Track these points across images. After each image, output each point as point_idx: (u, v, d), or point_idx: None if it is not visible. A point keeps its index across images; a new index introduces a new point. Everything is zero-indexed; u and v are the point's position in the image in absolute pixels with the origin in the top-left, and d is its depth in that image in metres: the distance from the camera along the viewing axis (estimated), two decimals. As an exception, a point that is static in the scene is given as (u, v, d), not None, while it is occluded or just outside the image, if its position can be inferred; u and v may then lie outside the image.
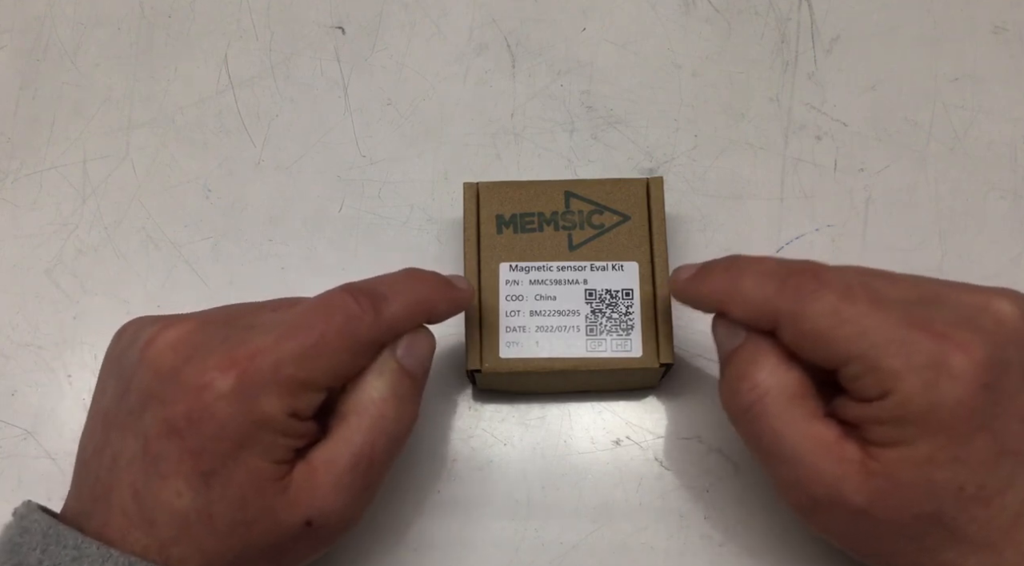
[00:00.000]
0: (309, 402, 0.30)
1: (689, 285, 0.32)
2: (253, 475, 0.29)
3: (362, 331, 0.30)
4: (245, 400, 0.28)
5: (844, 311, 0.28)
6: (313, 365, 0.29)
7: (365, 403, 0.31)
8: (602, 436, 0.38)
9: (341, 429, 0.30)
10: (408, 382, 0.31)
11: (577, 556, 0.37)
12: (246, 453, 0.29)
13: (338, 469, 0.30)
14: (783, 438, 0.29)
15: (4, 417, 0.39)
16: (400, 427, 0.31)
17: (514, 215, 0.37)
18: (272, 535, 0.29)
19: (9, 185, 0.43)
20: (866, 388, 0.28)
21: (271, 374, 0.29)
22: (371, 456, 0.30)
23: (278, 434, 0.29)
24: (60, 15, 0.46)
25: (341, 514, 0.30)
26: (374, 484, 0.31)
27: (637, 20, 0.45)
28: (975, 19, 0.45)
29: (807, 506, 0.30)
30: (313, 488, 0.30)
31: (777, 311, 0.29)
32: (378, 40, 0.45)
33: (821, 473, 0.29)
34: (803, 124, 0.43)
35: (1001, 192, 0.42)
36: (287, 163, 0.43)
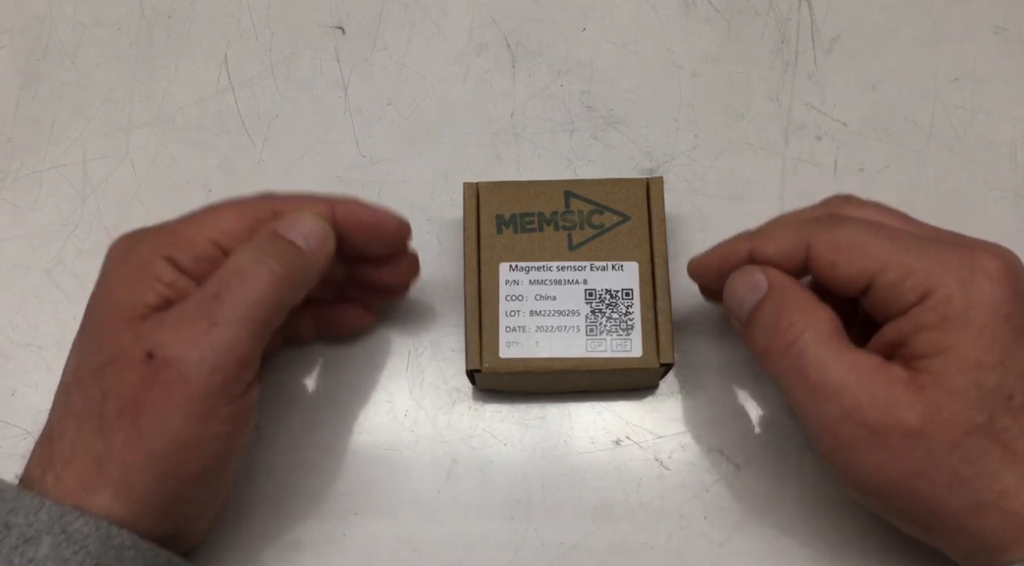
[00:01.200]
0: (191, 251, 0.31)
1: (709, 253, 0.34)
2: (115, 316, 0.30)
3: (256, 203, 0.33)
4: (126, 249, 0.32)
5: (877, 230, 0.30)
6: (198, 221, 0.32)
7: (230, 256, 0.31)
8: (602, 436, 0.38)
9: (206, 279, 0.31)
10: (281, 243, 0.31)
11: (577, 556, 0.37)
12: (115, 296, 0.31)
13: (186, 305, 0.30)
14: (829, 368, 0.29)
15: (4, 417, 0.39)
16: (255, 270, 0.30)
17: (514, 215, 0.37)
18: (120, 375, 0.29)
19: (9, 185, 0.43)
20: (905, 293, 0.29)
21: (157, 228, 0.32)
22: (217, 291, 0.30)
23: (148, 275, 0.30)
24: (60, 15, 0.46)
25: (181, 346, 0.29)
26: (222, 322, 0.29)
27: (637, 20, 0.45)
28: (975, 19, 0.45)
29: (860, 438, 0.29)
30: (159, 321, 0.30)
31: (810, 236, 0.30)
32: (378, 40, 0.45)
33: (873, 395, 0.28)
34: (803, 124, 0.43)
35: (1001, 192, 0.42)
36: (287, 163, 0.43)
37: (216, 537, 0.36)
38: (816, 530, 0.37)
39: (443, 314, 0.40)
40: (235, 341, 0.30)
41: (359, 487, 0.38)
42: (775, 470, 0.37)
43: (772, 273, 0.32)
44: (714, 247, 0.34)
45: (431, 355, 0.40)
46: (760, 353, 0.31)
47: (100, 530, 0.28)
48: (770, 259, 0.31)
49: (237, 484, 0.37)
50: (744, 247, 0.32)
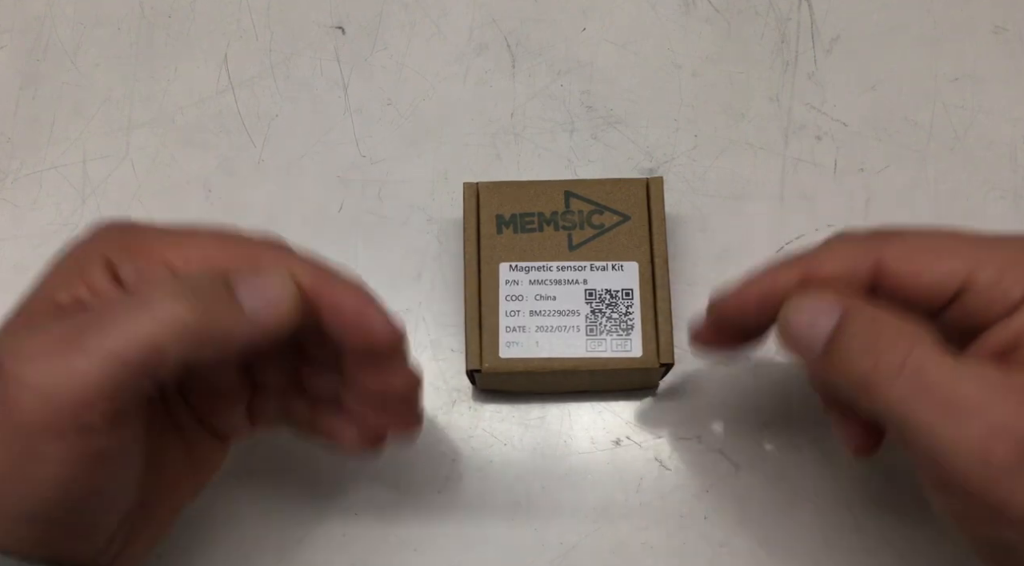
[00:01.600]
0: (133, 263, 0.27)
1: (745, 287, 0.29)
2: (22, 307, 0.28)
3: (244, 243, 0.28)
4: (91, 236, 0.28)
5: (951, 233, 0.27)
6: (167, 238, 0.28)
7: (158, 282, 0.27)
8: (602, 436, 0.38)
9: None
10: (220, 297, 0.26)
11: (577, 556, 0.37)
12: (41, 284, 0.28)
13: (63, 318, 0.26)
14: (961, 383, 0.25)
15: (4, 417, 0.39)
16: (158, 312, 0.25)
17: (514, 215, 0.37)
18: None
19: (9, 185, 0.43)
20: (1008, 289, 0.25)
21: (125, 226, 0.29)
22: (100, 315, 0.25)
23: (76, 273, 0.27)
24: (60, 15, 0.46)
25: (22, 366, 0.24)
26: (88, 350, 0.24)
27: (637, 20, 0.45)
28: (975, 19, 0.45)
29: (1014, 460, 0.24)
30: (31, 327, 0.26)
31: (878, 251, 0.27)
32: (378, 40, 0.45)
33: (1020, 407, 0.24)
34: (803, 124, 0.43)
35: (1001, 192, 0.42)
36: (287, 163, 0.43)
37: (215, 537, 0.36)
38: (816, 530, 0.37)
39: (443, 314, 0.40)
40: (87, 376, 0.24)
41: (359, 487, 0.38)
42: (775, 470, 0.37)
43: (843, 292, 0.27)
44: (744, 282, 0.29)
45: (431, 355, 0.40)
46: (860, 382, 0.26)
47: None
48: (830, 281, 0.27)
49: (237, 484, 0.37)
50: (790, 275, 0.28)
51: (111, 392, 0.25)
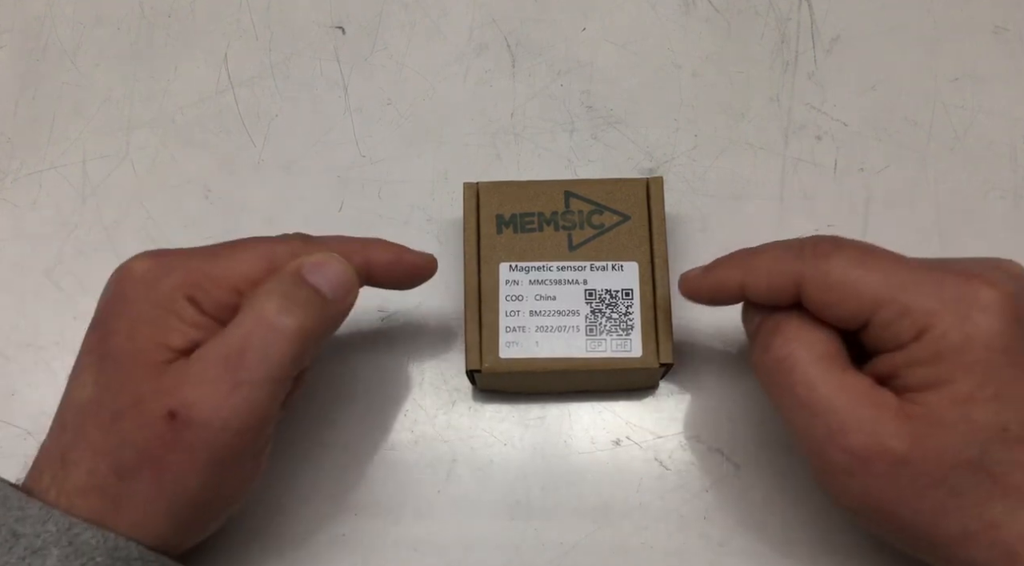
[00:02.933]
0: (212, 295, 0.30)
1: (703, 276, 0.32)
2: (137, 356, 0.29)
3: (281, 248, 0.32)
4: (150, 279, 0.30)
5: (868, 261, 0.29)
6: (222, 263, 0.31)
7: (252, 299, 0.30)
8: (602, 436, 0.38)
9: (227, 326, 0.30)
10: (305, 291, 0.30)
11: (577, 556, 0.37)
12: (138, 332, 0.30)
13: (207, 360, 0.29)
14: (816, 387, 0.28)
15: (4, 417, 0.39)
16: (280, 325, 0.29)
17: (514, 215, 0.37)
18: (140, 428, 0.29)
19: (9, 185, 0.43)
20: (900, 332, 0.28)
21: (181, 260, 0.31)
22: (242, 349, 0.29)
23: (172, 315, 0.30)
24: (60, 15, 0.46)
25: (204, 410, 0.28)
26: (247, 383, 0.29)
27: (637, 20, 0.45)
28: (975, 19, 0.45)
29: (843, 463, 0.28)
30: (181, 377, 0.29)
31: (800, 274, 0.29)
32: (378, 40, 0.45)
33: (859, 419, 0.28)
34: (803, 124, 0.43)
35: (1001, 192, 0.42)
36: (287, 163, 0.43)
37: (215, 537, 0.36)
38: (816, 530, 0.37)
39: (443, 314, 0.40)
40: (258, 403, 0.29)
41: (359, 487, 0.38)
42: (775, 470, 0.37)
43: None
44: (707, 270, 0.32)
45: (431, 355, 0.40)
46: (755, 368, 0.31)
47: (107, 542, 0.28)
48: (763, 296, 0.31)
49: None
50: (736, 279, 0.31)
51: (274, 408, 0.30)
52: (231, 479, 0.31)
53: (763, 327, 0.31)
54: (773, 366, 0.30)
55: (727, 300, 0.32)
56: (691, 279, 0.33)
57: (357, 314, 0.40)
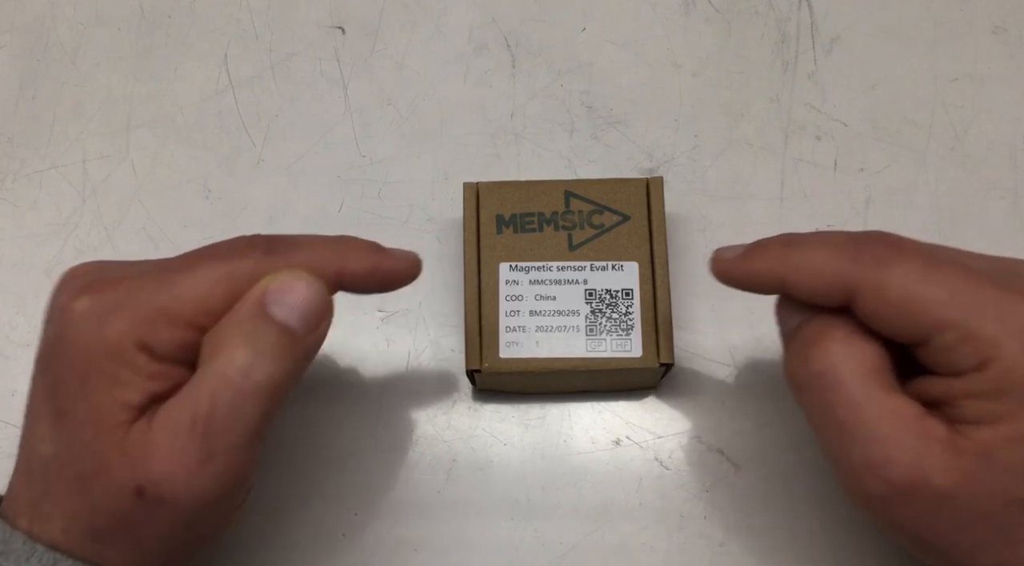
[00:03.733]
0: (167, 336, 0.26)
1: (739, 264, 0.29)
2: (94, 416, 0.26)
3: (241, 266, 0.27)
4: (95, 321, 0.26)
5: (933, 275, 0.26)
6: (174, 292, 0.27)
7: (213, 350, 0.26)
8: (602, 436, 0.38)
9: (190, 382, 0.27)
10: (273, 333, 0.27)
11: (577, 556, 0.37)
12: (90, 387, 0.26)
13: (172, 428, 0.26)
14: (860, 410, 0.26)
15: (4, 417, 0.39)
16: (250, 383, 0.26)
17: (514, 215, 0.37)
18: (110, 499, 0.26)
19: (9, 185, 0.43)
20: (961, 359, 0.25)
21: (127, 297, 0.27)
22: (209, 415, 0.26)
23: (124, 367, 0.26)
24: (60, 15, 0.46)
25: (175, 487, 0.26)
26: (219, 453, 0.26)
27: (637, 20, 0.45)
28: (975, 19, 0.45)
29: (881, 494, 0.26)
30: (145, 447, 0.26)
31: (855, 280, 0.26)
32: (378, 40, 0.45)
33: (904, 450, 0.25)
34: (803, 124, 0.43)
35: (1001, 192, 0.42)
36: (287, 163, 0.43)
37: (216, 537, 0.36)
38: (816, 530, 0.37)
39: (443, 314, 0.40)
40: (233, 469, 0.27)
41: (359, 487, 0.38)
42: (775, 470, 0.37)
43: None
44: (745, 256, 0.29)
45: (431, 355, 0.40)
46: (791, 379, 0.28)
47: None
48: (807, 297, 0.28)
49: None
50: (777, 274, 0.28)
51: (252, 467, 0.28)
52: (213, 530, 0.29)
53: (803, 334, 0.28)
54: (812, 381, 0.27)
55: (763, 292, 0.29)
56: (726, 263, 0.30)
57: (357, 314, 0.40)
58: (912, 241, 0.28)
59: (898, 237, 0.28)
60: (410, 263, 0.30)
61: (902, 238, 0.28)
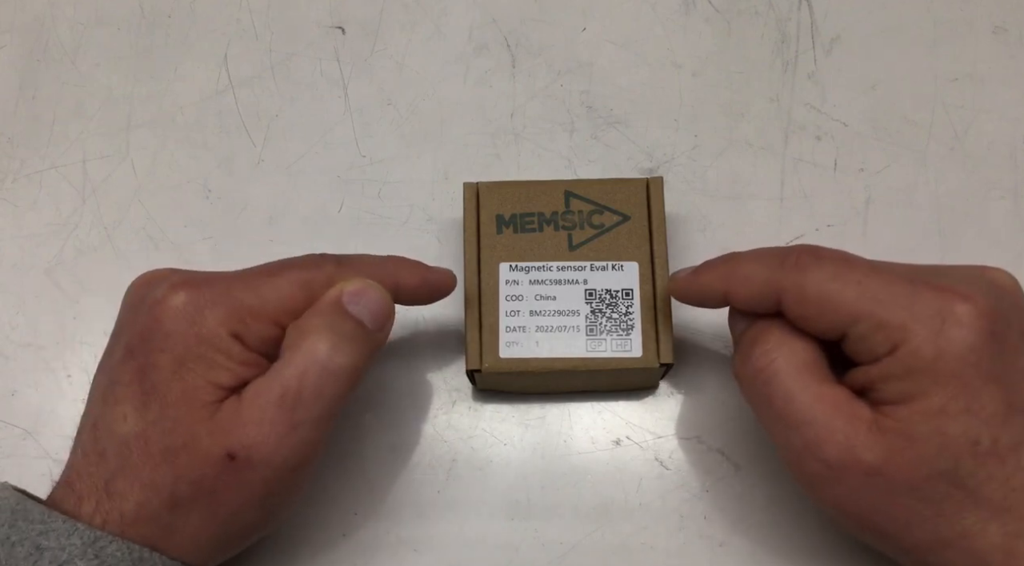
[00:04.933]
0: (255, 330, 0.30)
1: (689, 281, 0.33)
2: (187, 395, 0.29)
3: (317, 275, 0.31)
4: (192, 314, 0.30)
5: (845, 275, 0.29)
6: (262, 293, 0.31)
7: (300, 336, 0.30)
8: (602, 436, 0.38)
9: (277, 364, 0.30)
10: (350, 325, 0.31)
11: (577, 556, 0.37)
12: (185, 369, 0.29)
13: (263, 401, 0.29)
14: (794, 399, 0.29)
15: (4, 417, 0.39)
16: (334, 364, 0.30)
17: (514, 215, 0.37)
18: (197, 467, 0.29)
19: (9, 185, 0.43)
20: (875, 346, 0.28)
21: (221, 295, 0.30)
22: (298, 390, 0.29)
23: (219, 353, 0.30)
24: (60, 15, 0.46)
25: (264, 451, 0.29)
26: (304, 423, 0.30)
27: (637, 20, 0.45)
28: (975, 19, 0.45)
29: (819, 473, 0.29)
30: (237, 418, 0.29)
31: (779, 286, 0.30)
32: (378, 40, 0.45)
33: (833, 432, 0.28)
34: (803, 124, 0.43)
35: (1001, 192, 0.42)
36: (287, 163, 0.43)
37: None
38: (816, 530, 0.37)
39: (443, 314, 0.40)
40: (314, 440, 0.30)
41: (359, 487, 0.38)
42: (775, 470, 0.37)
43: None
44: (694, 274, 0.33)
45: (431, 355, 0.40)
46: (736, 377, 0.32)
47: (133, 554, 0.28)
48: (745, 305, 0.31)
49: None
50: (720, 287, 0.32)
51: (326, 442, 0.31)
52: (281, 507, 0.32)
53: (745, 336, 0.31)
54: (753, 377, 0.30)
55: (713, 305, 0.33)
56: (679, 281, 0.33)
57: (357, 314, 0.40)
58: (832, 250, 0.30)
59: (820, 247, 0.30)
60: (450, 278, 0.35)
61: (823, 248, 0.30)
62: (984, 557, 0.28)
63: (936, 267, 0.30)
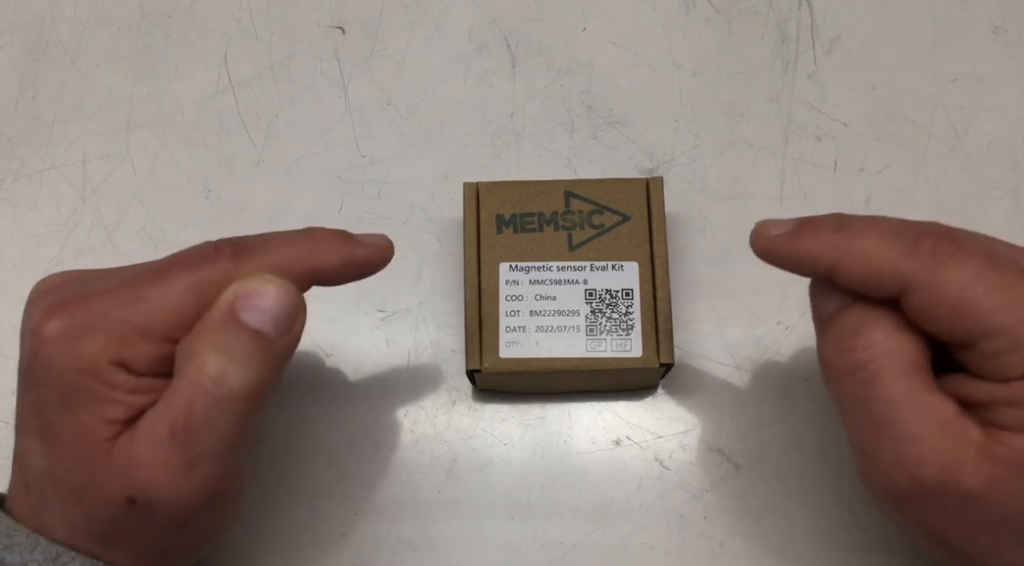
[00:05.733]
0: (141, 352, 0.27)
1: (787, 242, 0.28)
2: (80, 433, 0.27)
3: (211, 275, 0.27)
4: (69, 343, 0.26)
5: (991, 278, 0.25)
6: (146, 308, 0.27)
7: (186, 359, 0.26)
8: (602, 436, 0.38)
9: (166, 393, 0.27)
10: (244, 338, 0.27)
11: (577, 556, 0.37)
12: (74, 406, 0.27)
13: (153, 439, 0.26)
14: (899, 408, 0.26)
15: (4, 417, 0.39)
16: (223, 391, 0.26)
17: (514, 215, 0.37)
18: (103, 509, 0.27)
19: (9, 185, 0.43)
20: (1008, 366, 0.25)
21: (98, 317, 0.27)
22: (188, 423, 0.26)
23: (103, 385, 0.26)
24: (60, 15, 0.46)
25: (163, 493, 0.26)
26: (201, 458, 0.26)
27: (637, 20, 0.45)
28: (975, 19, 0.45)
29: (908, 491, 0.26)
30: (130, 459, 0.26)
31: (909, 275, 0.26)
32: (378, 40, 0.45)
33: (938, 451, 0.25)
34: (803, 124, 0.43)
35: (1001, 192, 0.42)
36: (287, 163, 0.43)
37: (216, 537, 0.36)
38: (816, 530, 0.37)
39: (443, 314, 0.40)
40: (219, 471, 0.27)
41: (359, 487, 0.38)
42: (775, 470, 0.37)
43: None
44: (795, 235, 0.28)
45: (431, 355, 0.40)
46: (826, 365, 0.28)
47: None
48: (856, 287, 0.27)
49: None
50: (828, 260, 0.27)
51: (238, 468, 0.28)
52: (209, 532, 0.30)
53: (844, 320, 0.27)
54: (850, 371, 0.27)
55: (806, 274, 0.28)
56: (770, 240, 0.29)
57: (357, 314, 0.40)
58: (970, 236, 0.27)
59: (957, 231, 0.27)
60: (381, 249, 0.30)
61: (961, 233, 0.27)
62: None
63: None
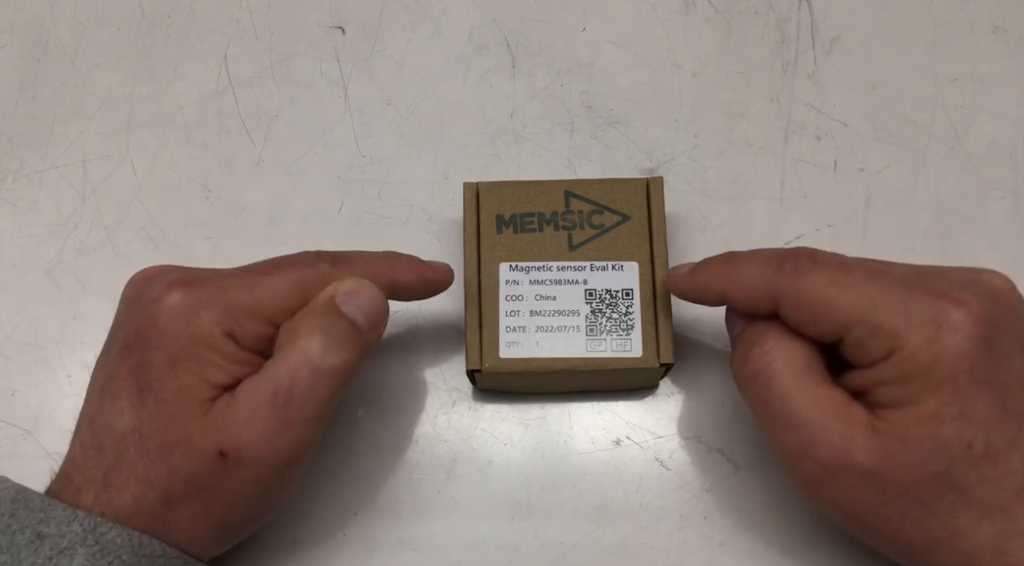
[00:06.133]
0: (249, 329, 0.31)
1: (688, 279, 0.33)
2: (182, 393, 0.30)
3: (312, 275, 0.32)
4: (187, 313, 0.30)
5: (842, 280, 0.29)
6: (257, 293, 0.31)
7: (293, 335, 0.30)
8: (602, 436, 0.38)
9: (269, 363, 0.30)
10: (343, 325, 0.31)
11: (577, 556, 0.37)
12: (180, 368, 0.30)
13: (255, 400, 0.30)
14: (791, 401, 0.29)
15: (4, 417, 0.39)
16: (326, 364, 0.30)
17: (514, 215, 0.37)
18: (190, 463, 0.29)
19: (9, 185, 0.43)
20: (871, 351, 0.29)
21: (216, 294, 0.31)
22: (290, 389, 0.29)
23: (213, 352, 0.30)
24: (60, 15, 0.46)
25: (255, 449, 0.29)
26: (296, 422, 0.30)
27: (637, 20, 0.45)
28: (975, 19, 0.45)
29: (815, 473, 0.29)
30: (229, 416, 0.29)
31: (777, 290, 0.30)
32: (378, 40, 0.45)
33: (828, 433, 0.29)
34: (803, 124, 0.43)
35: (1001, 192, 0.42)
36: (287, 163, 0.43)
37: (216, 537, 0.36)
38: (816, 530, 0.37)
39: (443, 314, 0.40)
40: (305, 439, 0.31)
41: (359, 487, 0.38)
42: (775, 470, 0.37)
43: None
44: (692, 272, 0.33)
45: (431, 355, 0.40)
46: (736, 377, 0.32)
47: (132, 540, 0.29)
48: (743, 307, 0.32)
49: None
50: (718, 287, 0.32)
51: (318, 440, 0.32)
52: (274, 501, 0.32)
53: (744, 337, 0.32)
54: (751, 378, 0.31)
55: (711, 304, 0.33)
56: (677, 278, 0.34)
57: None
58: (829, 253, 0.31)
59: (817, 251, 0.31)
60: (447, 273, 0.35)
61: (820, 251, 0.31)
62: (975, 555, 0.28)
63: (932, 269, 0.31)
